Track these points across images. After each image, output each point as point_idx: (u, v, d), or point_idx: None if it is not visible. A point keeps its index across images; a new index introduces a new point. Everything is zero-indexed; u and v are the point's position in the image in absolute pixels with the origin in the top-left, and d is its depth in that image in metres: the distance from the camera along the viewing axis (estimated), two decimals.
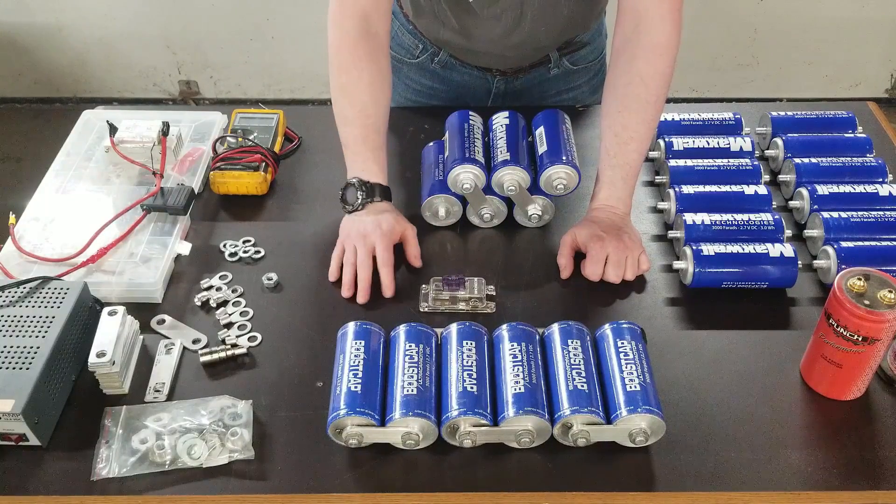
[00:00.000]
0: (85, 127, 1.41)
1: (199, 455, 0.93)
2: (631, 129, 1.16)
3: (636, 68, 1.15)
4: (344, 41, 1.18)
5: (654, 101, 1.16)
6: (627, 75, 1.15)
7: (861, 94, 3.11)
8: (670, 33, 1.14)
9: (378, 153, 1.20)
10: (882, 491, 0.91)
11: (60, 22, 2.95)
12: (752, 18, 2.91)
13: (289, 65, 3.05)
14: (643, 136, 1.17)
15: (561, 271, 1.16)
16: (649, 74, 1.14)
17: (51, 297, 1.03)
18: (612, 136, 1.17)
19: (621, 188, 1.18)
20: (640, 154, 1.18)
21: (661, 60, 1.14)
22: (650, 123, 1.18)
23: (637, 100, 1.15)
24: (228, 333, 1.08)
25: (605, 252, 1.14)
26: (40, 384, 0.93)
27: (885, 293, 0.92)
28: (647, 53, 1.14)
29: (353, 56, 1.18)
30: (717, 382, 1.03)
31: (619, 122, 1.17)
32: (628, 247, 1.14)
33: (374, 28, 1.19)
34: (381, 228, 1.15)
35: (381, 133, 1.21)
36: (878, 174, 1.27)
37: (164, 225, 1.22)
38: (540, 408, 0.93)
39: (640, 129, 1.16)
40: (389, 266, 1.14)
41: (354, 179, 1.18)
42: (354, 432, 0.92)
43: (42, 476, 0.93)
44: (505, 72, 1.44)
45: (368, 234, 1.15)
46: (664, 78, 1.15)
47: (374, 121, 1.20)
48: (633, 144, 1.17)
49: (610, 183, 1.18)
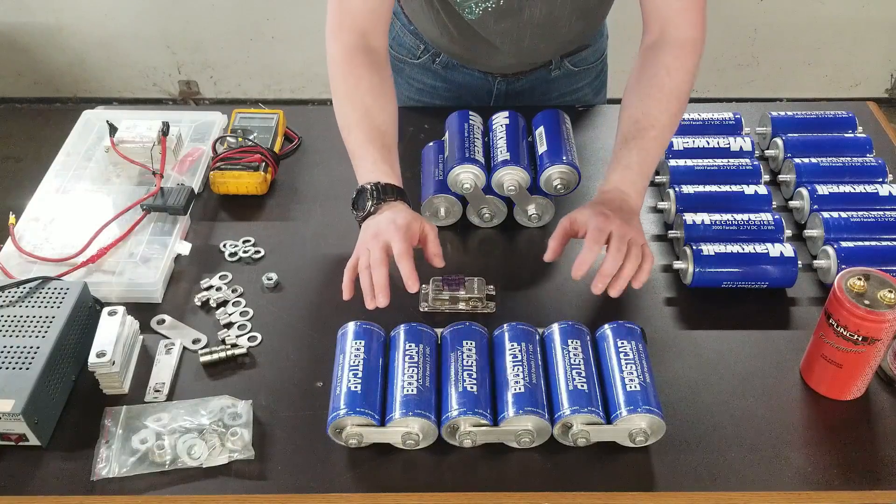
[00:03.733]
0: (85, 127, 1.41)
1: (199, 455, 0.93)
2: (652, 117, 1.12)
3: (661, 60, 1.14)
4: (342, 53, 1.16)
5: (678, 94, 1.13)
6: (652, 67, 1.14)
7: (861, 94, 3.11)
8: (696, 35, 1.14)
9: (385, 153, 1.12)
10: (882, 491, 0.91)
11: (60, 22, 2.95)
12: (752, 18, 2.91)
13: (289, 65, 3.05)
14: (664, 125, 1.12)
15: (546, 252, 1.08)
16: (674, 67, 1.13)
17: (51, 297, 1.03)
18: (632, 123, 1.12)
19: (636, 172, 1.10)
20: (658, 143, 1.13)
21: (687, 56, 1.14)
22: (672, 116, 1.13)
23: (661, 89, 1.13)
24: (228, 333, 1.08)
25: (608, 228, 1.03)
26: (40, 384, 0.93)
27: (885, 293, 0.92)
28: (673, 49, 1.14)
29: (352, 65, 1.15)
30: (717, 382, 1.03)
31: (640, 110, 1.13)
32: (636, 231, 1.06)
33: (373, 44, 1.17)
34: (395, 223, 1.04)
35: (389, 135, 1.15)
36: (878, 174, 1.27)
37: (164, 225, 1.22)
38: (540, 408, 0.93)
39: (662, 117, 1.12)
40: (408, 257, 1.01)
41: (365, 184, 1.09)
42: (354, 432, 0.92)
43: (42, 476, 0.93)
44: (506, 74, 1.44)
45: (381, 232, 1.04)
46: (688, 74, 1.14)
47: (380, 123, 1.14)
48: (653, 132, 1.11)
49: (625, 166, 1.10)
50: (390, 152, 1.13)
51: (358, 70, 1.15)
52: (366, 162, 1.11)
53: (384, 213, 1.07)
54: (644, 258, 1.05)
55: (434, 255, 1.08)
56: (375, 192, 1.08)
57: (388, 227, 1.04)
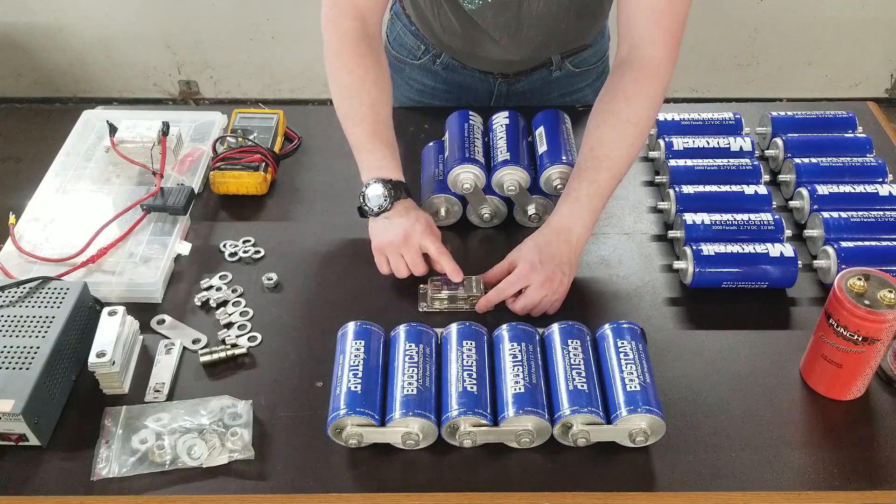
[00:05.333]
0: (85, 127, 1.41)
1: (199, 455, 0.93)
2: (606, 146, 1.11)
3: (621, 85, 1.12)
4: (344, 42, 1.17)
5: (636, 121, 1.11)
6: (612, 92, 1.13)
7: (861, 94, 3.11)
8: (662, 59, 1.11)
9: (393, 150, 1.16)
10: (882, 491, 0.91)
11: (60, 22, 2.95)
12: (752, 18, 2.91)
13: (289, 65, 3.05)
14: (619, 156, 1.11)
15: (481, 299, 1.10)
16: (633, 92, 1.11)
17: (51, 297, 1.03)
18: (588, 150, 1.12)
19: (585, 208, 1.11)
20: (611, 174, 1.11)
21: (649, 83, 1.11)
22: (629, 146, 1.12)
23: (617, 116, 1.11)
24: (228, 333, 1.08)
25: (524, 283, 1.07)
26: (40, 384, 0.93)
27: (885, 293, 0.92)
28: (635, 73, 1.12)
29: (356, 55, 1.16)
30: (717, 382, 1.03)
31: (596, 137, 1.12)
32: (553, 288, 1.07)
33: (371, 29, 1.18)
34: (420, 224, 1.11)
35: (391, 130, 1.18)
36: (878, 174, 1.27)
37: (164, 225, 1.22)
38: (540, 408, 0.93)
39: (617, 147, 1.11)
40: (447, 253, 1.11)
41: (375, 179, 1.12)
42: (354, 432, 0.92)
43: (42, 476, 0.93)
44: (507, 75, 1.44)
45: (411, 235, 1.10)
46: (649, 99, 1.12)
47: (385, 118, 1.17)
48: (607, 162, 1.11)
49: (574, 199, 1.11)
50: (395, 148, 1.17)
51: (364, 61, 1.16)
52: (374, 156, 1.15)
53: (399, 215, 1.12)
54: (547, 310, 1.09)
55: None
56: (389, 188, 1.12)
57: (415, 229, 1.11)
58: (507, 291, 1.08)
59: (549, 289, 1.07)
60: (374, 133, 1.15)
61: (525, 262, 1.09)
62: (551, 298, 1.08)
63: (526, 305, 1.08)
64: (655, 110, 1.14)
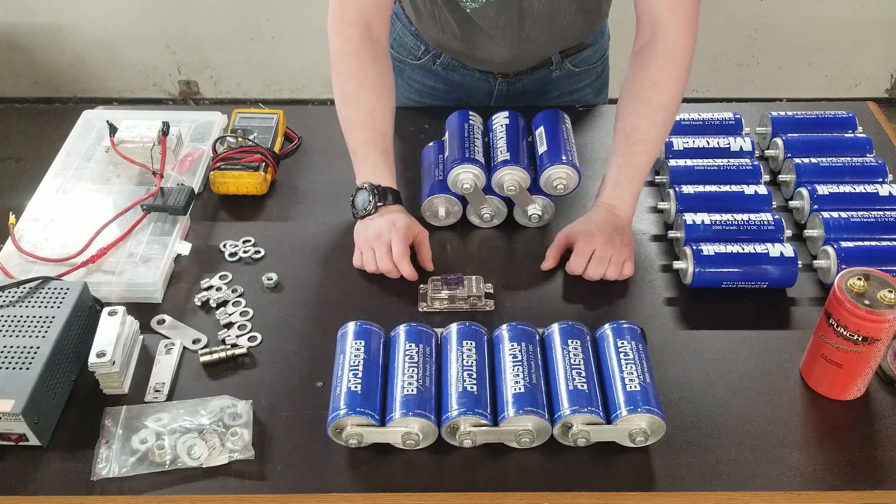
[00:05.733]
0: (85, 127, 1.41)
1: (199, 455, 0.93)
2: (641, 132, 1.17)
3: (648, 73, 1.16)
4: (347, 48, 1.18)
5: (666, 104, 1.16)
6: (640, 79, 1.17)
7: (861, 94, 3.11)
8: (684, 40, 1.15)
9: (387, 157, 1.21)
10: (882, 491, 0.91)
11: (60, 22, 2.94)
12: (752, 18, 2.91)
13: (289, 65, 3.05)
14: (653, 138, 1.18)
15: (544, 261, 1.18)
16: (661, 79, 1.15)
17: (51, 297, 1.03)
18: (623, 137, 1.18)
19: (625, 189, 1.18)
20: (648, 157, 1.18)
21: (674, 66, 1.15)
22: (661, 127, 1.18)
23: (648, 103, 1.16)
24: (228, 333, 1.08)
25: (591, 248, 1.14)
26: (40, 384, 0.93)
27: (885, 293, 0.92)
28: (659, 59, 1.15)
29: (358, 61, 1.18)
30: (717, 382, 1.03)
31: (630, 124, 1.17)
32: (616, 248, 1.14)
33: (376, 34, 1.19)
34: (395, 226, 1.16)
35: (388, 137, 1.22)
36: (878, 174, 1.27)
37: (164, 225, 1.22)
38: (540, 408, 0.93)
39: (651, 131, 1.17)
40: (406, 258, 1.15)
41: (365, 184, 1.18)
42: (354, 432, 0.92)
43: (42, 476, 0.93)
44: (507, 74, 1.44)
45: (383, 233, 1.15)
46: (676, 83, 1.16)
47: (382, 125, 1.20)
48: (642, 146, 1.17)
49: (614, 182, 1.19)
50: (389, 154, 1.21)
51: (366, 67, 1.19)
52: (367, 162, 1.20)
53: (383, 215, 1.17)
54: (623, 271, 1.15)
55: (425, 260, 1.18)
56: (375, 194, 1.17)
57: (389, 229, 1.15)
58: (580, 265, 1.15)
59: (613, 249, 1.14)
60: (369, 140, 1.20)
61: (581, 234, 1.16)
62: (619, 259, 1.14)
63: (598, 270, 1.14)
64: (682, 90, 1.18)
